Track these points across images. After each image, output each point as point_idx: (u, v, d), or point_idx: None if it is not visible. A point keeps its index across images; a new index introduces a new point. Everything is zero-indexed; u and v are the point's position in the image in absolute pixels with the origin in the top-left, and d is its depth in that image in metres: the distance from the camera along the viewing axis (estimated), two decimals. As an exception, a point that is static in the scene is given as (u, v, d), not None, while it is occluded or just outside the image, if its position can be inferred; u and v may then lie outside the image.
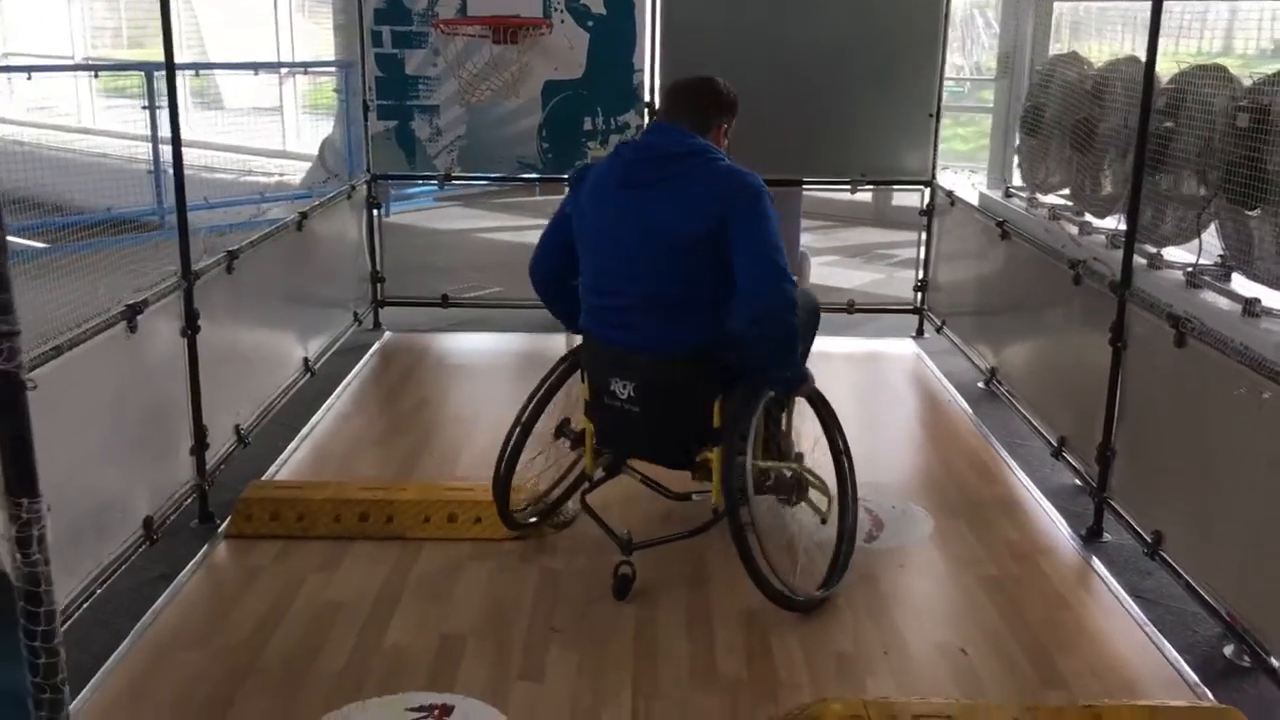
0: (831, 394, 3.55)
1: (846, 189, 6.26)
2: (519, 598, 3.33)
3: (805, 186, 6.26)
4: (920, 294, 6.24)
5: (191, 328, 3.76)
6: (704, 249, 3.10)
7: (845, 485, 3.49)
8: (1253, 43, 4.40)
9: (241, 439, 4.23)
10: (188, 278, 3.76)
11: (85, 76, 11.17)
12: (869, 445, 3.57)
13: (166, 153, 8.12)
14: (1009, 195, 5.37)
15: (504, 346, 6.09)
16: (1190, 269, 3.60)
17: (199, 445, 3.84)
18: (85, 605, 3.03)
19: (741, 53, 5.64)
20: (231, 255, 4.19)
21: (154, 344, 3.56)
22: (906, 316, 6.28)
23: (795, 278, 3.16)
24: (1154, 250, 3.80)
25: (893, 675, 2.98)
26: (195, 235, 3.86)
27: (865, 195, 8.18)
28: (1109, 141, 4.23)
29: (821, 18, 5.74)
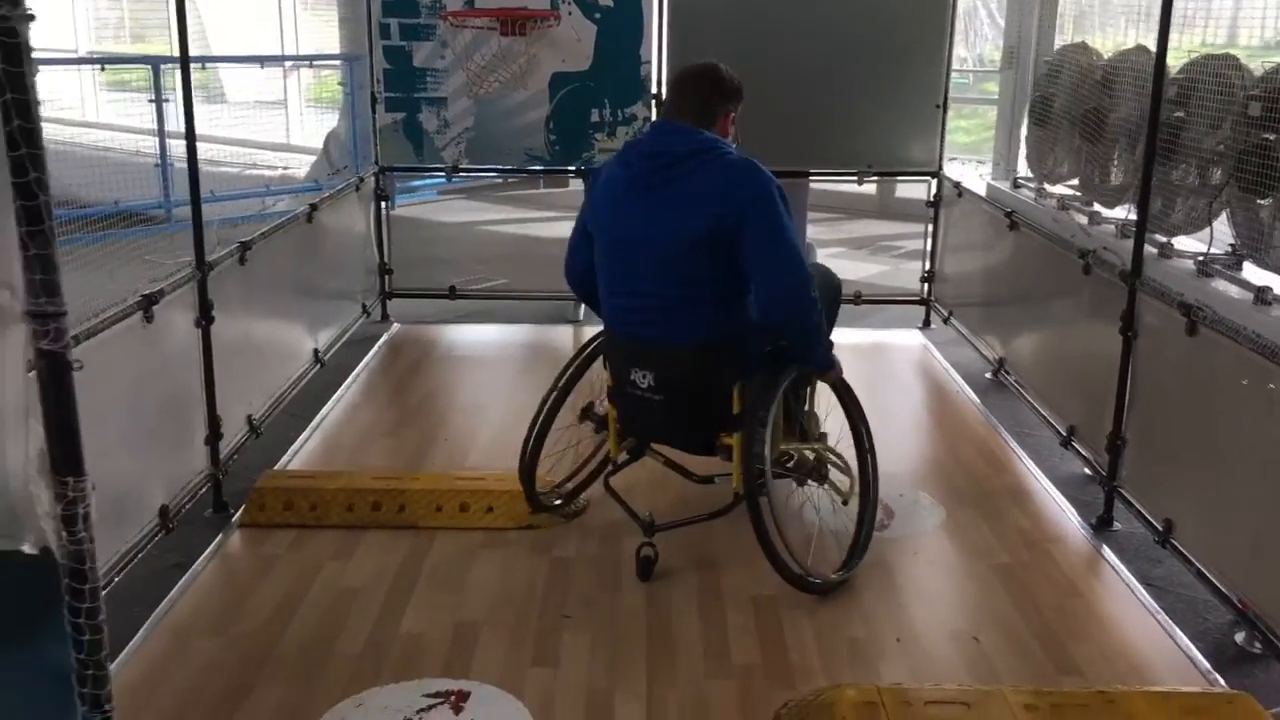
0: (841, 384, 3.56)
1: (852, 180, 6.28)
2: (531, 585, 3.35)
3: (812, 177, 6.27)
4: (927, 285, 6.24)
5: (206, 318, 3.78)
6: (716, 246, 3.12)
7: (866, 469, 3.52)
8: (1257, 35, 4.41)
9: (254, 429, 4.25)
10: (202, 268, 3.78)
11: (90, 70, 11.17)
12: (878, 435, 3.58)
13: (173, 146, 8.19)
14: (1017, 186, 5.38)
15: (511, 338, 6.10)
16: (1201, 258, 3.61)
17: (213, 435, 3.85)
18: (103, 593, 3.03)
19: (748, 44, 5.64)
20: (244, 246, 4.20)
21: (170, 334, 3.58)
22: (913, 308, 6.30)
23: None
24: (1164, 239, 3.82)
25: (906, 661, 2.99)
26: (209, 228, 3.88)
27: (869, 187, 8.18)
28: (1119, 131, 4.24)
29: (828, 9, 5.74)
